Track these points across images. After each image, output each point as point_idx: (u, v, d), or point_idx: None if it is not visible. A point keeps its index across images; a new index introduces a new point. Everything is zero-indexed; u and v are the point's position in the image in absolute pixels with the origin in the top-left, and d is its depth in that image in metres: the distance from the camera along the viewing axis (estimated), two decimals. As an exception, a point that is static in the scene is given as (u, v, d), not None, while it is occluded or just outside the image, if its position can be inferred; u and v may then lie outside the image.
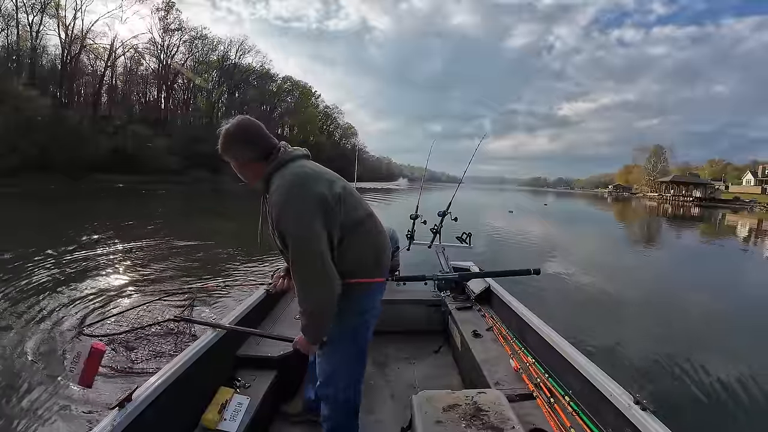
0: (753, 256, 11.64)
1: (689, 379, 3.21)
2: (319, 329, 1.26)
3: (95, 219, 10.56)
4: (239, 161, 1.26)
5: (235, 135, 1.24)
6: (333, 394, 1.41)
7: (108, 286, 4.92)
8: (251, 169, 1.27)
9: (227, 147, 1.25)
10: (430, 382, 2.18)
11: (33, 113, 25.29)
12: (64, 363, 2.93)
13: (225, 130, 1.24)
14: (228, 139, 1.24)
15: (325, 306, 1.21)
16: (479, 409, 1.22)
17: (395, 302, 2.71)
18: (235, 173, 1.31)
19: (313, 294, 1.20)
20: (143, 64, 42.69)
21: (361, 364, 1.46)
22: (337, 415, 1.45)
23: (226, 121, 1.26)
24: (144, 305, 4.05)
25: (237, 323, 1.91)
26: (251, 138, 1.25)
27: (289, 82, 61.39)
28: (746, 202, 49.48)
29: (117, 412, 1.13)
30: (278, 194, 1.19)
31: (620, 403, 1.27)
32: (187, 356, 1.49)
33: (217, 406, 1.52)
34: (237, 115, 1.34)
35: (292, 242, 1.17)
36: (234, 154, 1.25)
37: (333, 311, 1.23)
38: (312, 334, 1.28)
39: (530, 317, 2.06)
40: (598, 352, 3.45)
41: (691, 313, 5.20)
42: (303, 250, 1.17)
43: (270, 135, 1.29)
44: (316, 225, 1.17)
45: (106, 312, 4.03)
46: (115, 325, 3.60)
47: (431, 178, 22.41)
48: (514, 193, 70.82)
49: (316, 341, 1.30)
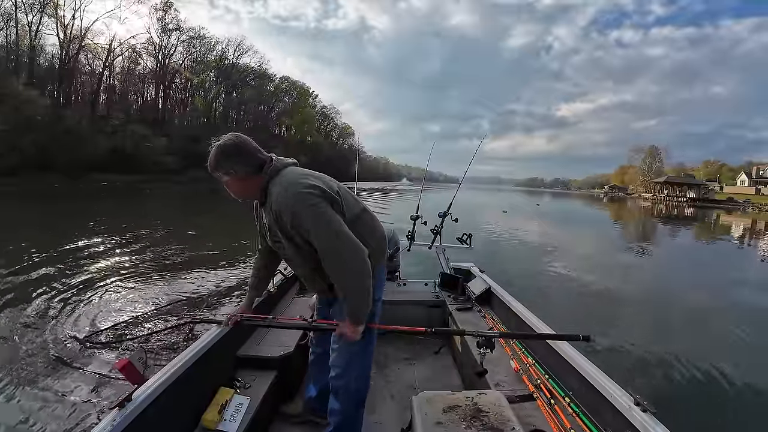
0: (747, 256, 11.74)
1: (689, 381, 3.22)
2: (366, 304, 1.30)
3: (95, 218, 10.50)
4: (237, 176, 1.26)
5: (231, 151, 1.25)
6: (346, 385, 1.47)
7: (111, 288, 4.89)
8: (248, 182, 1.28)
9: (223, 163, 1.25)
10: (431, 382, 2.18)
11: (32, 113, 25.26)
12: (66, 367, 2.91)
13: (220, 147, 1.24)
14: (224, 156, 1.24)
15: (367, 275, 1.26)
16: (479, 410, 1.22)
17: (396, 303, 2.71)
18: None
19: (355, 266, 1.23)
20: (141, 64, 42.50)
21: (372, 354, 1.53)
22: (348, 407, 1.50)
23: (216, 139, 1.27)
24: (149, 309, 4.03)
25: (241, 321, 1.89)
26: (247, 152, 1.27)
27: (287, 82, 61.31)
28: (739, 202, 49.88)
29: (117, 412, 1.12)
30: (284, 197, 1.22)
31: (620, 404, 1.27)
32: (187, 356, 1.48)
33: (217, 407, 1.52)
34: (234, 115, 1.37)
35: (317, 232, 1.20)
36: (231, 169, 1.25)
37: (371, 282, 1.28)
38: (361, 311, 1.31)
39: (530, 318, 2.06)
40: (598, 352, 3.46)
41: (688, 313, 5.22)
42: (330, 232, 1.21)
43: (260, 149, 1.32)
44: (329, 210, 1.23)
45: (111, 316, 3.96)
46: (125, 330, 3.55)
47: (429, 178, 22.62)
48: (510, 194, 70.98)
49: (362, 320, 1.33)
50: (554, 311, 4.63)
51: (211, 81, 48.23)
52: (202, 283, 5.20)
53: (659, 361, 3.55)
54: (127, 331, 3.52)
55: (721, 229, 20.94)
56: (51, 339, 3.35)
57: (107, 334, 3.42)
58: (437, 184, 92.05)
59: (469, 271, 3.12)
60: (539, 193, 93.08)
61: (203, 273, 5.76)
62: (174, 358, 1.47)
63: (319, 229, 1.20)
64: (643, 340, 4.02)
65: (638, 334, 4.18)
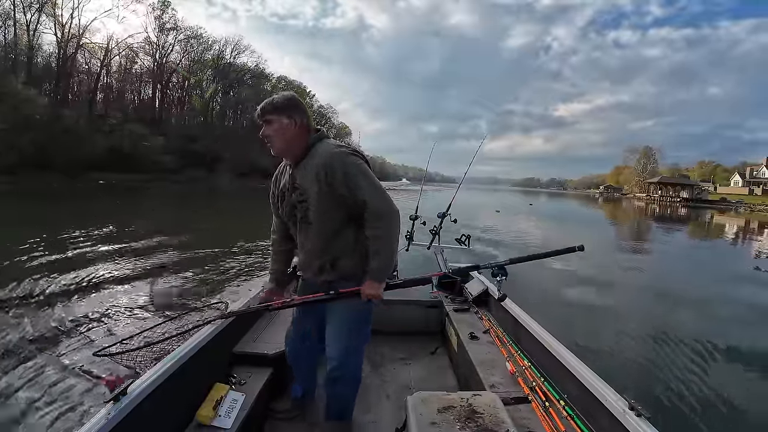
0: (741, 257, 11.85)
1: (684, 386, 3.20)
2: (392, 262, 1.41)
3: (94, 218, 10.40)
4: (296, 124, 1.38)
5: (298, 102, 1.41)
6: (349, 373, 1.53)
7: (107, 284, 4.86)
8: (299, 135, 1.39)
9: (291, 108, 1.37)
10: (426, 383, 2.18)
11: (31, 112, 25.17)
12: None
13: (289, 95, 1.41)
14: (293, 103, 1.39)
15: (398, 237, 1.41)
16: (474, 412, 1.23)
17: (392, 303, 2.71)
18: (265, 142, 1.40)
19: (393, 224, 1.37)
20: (138, 63, 42.24)
21: (368, 340, 1.60)
22: (350, 392, 1.59)
23: (275, 94, 1.43)
24: (145, 304, 4.02)
25: (238, 317, 1.88)
26: (305, 109, 1.43)
27: (284, 82, 61.02)
28: (732, 203, 50.35)
29: (112, 405, 1.11)
30: (338, 154, 1.35)
31: (615, 408, 1.27)
32: (182, 352, 1.47)
33: (212, 402, 1.51)
34: (231, 114, 1.43)
35: (368, 187, 1.34)
36: (296, 115, 1.37)
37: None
38: (387, 268, 1.40)
39: (527, 320, 2.06)
40: (593, 355, 3.46)
41: (684, 317, 5.25)
42: (380, 189, 1.37)
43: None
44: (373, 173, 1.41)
45: (118, 325, 3.79)
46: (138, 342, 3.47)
47: (427, 178, 22.64)
48: (505, 194, 71.08)
49: (385, 279, 1.42)
50: (549, 313, 4.63)
51: (208, 80, 48.01)
52: (199, 277, 5.20)
53: (655, 365, 3.54)
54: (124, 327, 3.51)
55: (713, 229, 21.10)
56: (39, 333, 3.36)
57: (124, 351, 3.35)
58: (435, 184, 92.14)
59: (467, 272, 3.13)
60: (535, 194, 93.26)
61: (200, 269, 5.75)
62: (170, 353, 1.46)
63: (371, 185, 1.35)
64: (640, 344, 4.02)
65: (634, 338, 4.18)
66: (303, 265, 1.54)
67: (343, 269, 1.44)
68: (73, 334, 3.46)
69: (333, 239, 1.42)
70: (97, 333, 3.51)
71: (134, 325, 3.68)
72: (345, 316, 1.48)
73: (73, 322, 3.74)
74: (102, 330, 3.58)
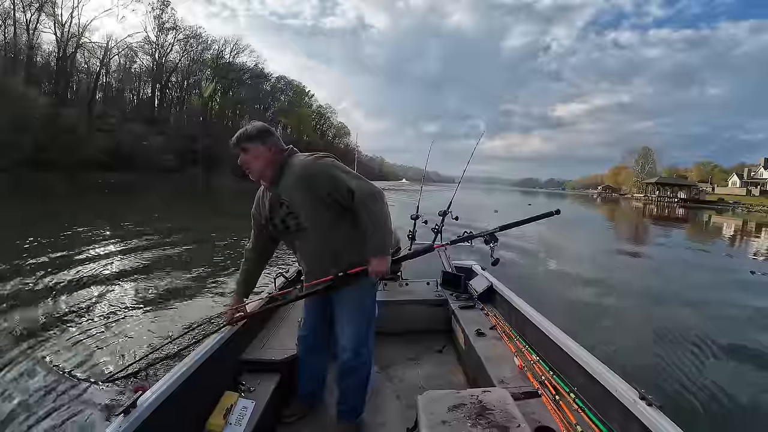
0: (738, 258, 11.88)
1: (695, 375, 3.19)
2: (389, 235, 1.51)
3: (94, 218, 10.37)
4: (273, 149, 1.49)
5: (269, 129, 1.53)
6: (362, 362, 1.60)
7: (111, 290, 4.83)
8: (274, 158, 1.50)
9: (266, 136, 1.49)
10: (435, 381, 2.18)
11: (31, 111, 25.11)
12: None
13: (260, 125, 1.52)
14: (267, 131, 1.51)
15: (387, 210, 1.50)
16: (485, 408, 1.23)
17: (398, 303, 2.71)
18: (242, 169, 1.52)
19: (382, 202, 1.47)
20: (137, 62, 42.17)
21: (374, 323, 1.69)
22: (363, 383, 1.65)
23: (246, 125, 1.54)
24: (150, 312, 3.97)
25: (244, 325, 1.89)
26: (276, 133, 1.56)
27: (283, 82, 61.09)
28: (729, 203, 50.53)
29: (123, 418, 1.11)
30: (315, 164, 1.47)
31: (626, 399, 1.27)
32: (191, 361, 1.47)
33: (221, 411, 1.51)
34: (230, 114, 1.47)
35: (350, 180, 1.44)
36: (267, 140, 1.49)
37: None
38: (387, 242, 1.49)
39: (533, 315, 2.06)
40: (602, 347, 3.43)
41: (690, 311, 5.26)
42: (361, 179, 1.47)
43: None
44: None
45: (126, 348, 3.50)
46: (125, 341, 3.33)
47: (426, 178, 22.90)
48: (504, 194, 71.11)
49: (388, 251, 1.52)
50: (555, 307, 4.63)
51: (207, 80, 47.95)
52: (201, 279, 5.17)
53: (665, 355, 3.53)
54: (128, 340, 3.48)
55: (710, 230, 21.15)
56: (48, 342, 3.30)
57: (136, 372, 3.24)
58: (433, 184, 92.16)
59: (471, 269, 3.12)
60: (533, 194, 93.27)
61: (200, 269, 5.73)
62: (178, 364, 1.46)
63: (350, 174, 1.46)
64: (649, 335, 4.01)
65: (643, 330, 4.17)
66: (308, 268, 1.59)
67: (347, 261, 1.52)
68: (79, 347, 3.22)
69: (331, 235, 1.51)
70: (104, 345, 3.26)
71: (139, 334, 3.55)
72: (352, 304, 1.58)
73: (82, 334, 3.47)
74: (108, 345, 3.28)
